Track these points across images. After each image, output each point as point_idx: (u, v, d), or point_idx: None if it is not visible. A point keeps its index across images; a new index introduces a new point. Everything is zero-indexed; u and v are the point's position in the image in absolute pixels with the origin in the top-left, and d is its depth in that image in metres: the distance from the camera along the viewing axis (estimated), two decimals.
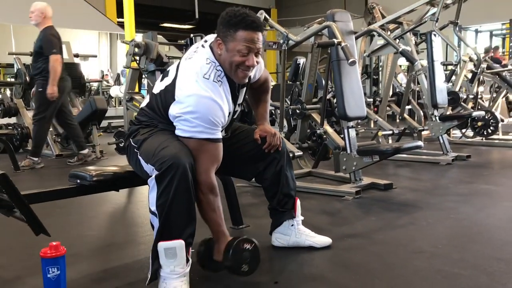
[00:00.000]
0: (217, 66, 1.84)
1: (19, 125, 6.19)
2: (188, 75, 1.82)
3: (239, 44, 1.79)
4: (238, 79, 1.87)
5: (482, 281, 1.84)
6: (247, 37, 1.79)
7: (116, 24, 12.23)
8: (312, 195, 3.39)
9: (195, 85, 1.78)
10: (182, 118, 1.78)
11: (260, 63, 2.12)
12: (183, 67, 1.87)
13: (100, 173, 1.99)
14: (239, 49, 1.79)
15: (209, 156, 1.83)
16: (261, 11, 3.59)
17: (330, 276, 1.94)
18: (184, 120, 1.78)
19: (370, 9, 6.90)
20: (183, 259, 1.72)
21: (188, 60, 1.88)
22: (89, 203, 3.26)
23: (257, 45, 1.83)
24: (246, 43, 1.79)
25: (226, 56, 1.82)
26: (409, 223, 2.67)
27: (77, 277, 1.97)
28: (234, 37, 1.80)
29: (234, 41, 1.80)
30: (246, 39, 1.79)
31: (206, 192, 1.83)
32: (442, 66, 4.96)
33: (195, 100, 1.76)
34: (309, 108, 4.06)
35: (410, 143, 3.35)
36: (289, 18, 15.65)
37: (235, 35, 1.79)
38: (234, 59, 1.81)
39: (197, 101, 1.76)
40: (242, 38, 1.79)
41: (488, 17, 11.84)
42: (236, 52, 1.80)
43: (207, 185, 1.82)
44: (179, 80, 1.82)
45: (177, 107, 1.79)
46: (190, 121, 1.77)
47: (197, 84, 1.78)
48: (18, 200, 1.65)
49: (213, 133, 1.81)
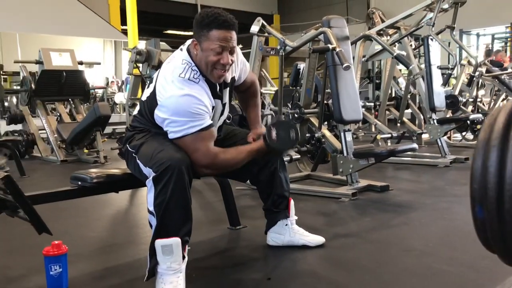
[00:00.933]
0: (192, 66, 1.92)
1: (25, 132, 6.31)
2: (165, 78, 1.91)
3: (212, 43, 1.87)
4: (215, 78, 1.95)
5: (469, 277, 1.90)
6: (220, 36, 1.87)
7: (120, 32, 12.38)
8: (310, 197, 3.46)
9: (171, 86, 1.87)
10: (169, 121, 1.87)
11: (245, 65, 2.20)
12: (162, 71, 1.96)
13: (100, 175, 2.08)
14: (213, 48, 1.87)
15: (206, 141, 1.92)
16: (258, 18, 3.67)
17: (321, 273, 2.01)
18: (172, 122, 1.87)
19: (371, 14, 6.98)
20: (179, 256, 1.80)
21: (168, 64, 1.97)
22: (92, 206, 3.35)
23: (231, 43, 1.90)
24: (220, 41, 1.87)
25: (202, 55, 1.90)
26: (402, 223, 2.73)
27: (79, 274, 2.05)
28: (208, 37, 1.87)
29: (208, 41, 1.87)
30: (219, 38, 1.87)
31: (219, 163, 1.97)
32: (440, 70, 5.02)
33: (174, 101, 1.85)
34: (307, 112, 4.12)
35: (405, 146, 3.42)
36: (292, 23, 15.77)
37: (208, 35, 1.87)
38: (209, 59, 1.89)
39: (177, 100, 1.85)
40: (215, 37, 1.87)
41: (490, 21, 11.89)
42: (210, 51, 1.87)
43: (215, 162, 1.95)
44: (158, 84, 1.92)
45: (161, 111, 1.88)
46: (177, 121, 1.86)
47: (173, 85, 1.87)
48: (22, 200, 1.74)
49: (202, 123, 1.89)
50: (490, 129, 0.86)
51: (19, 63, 6.61)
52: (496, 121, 0.85)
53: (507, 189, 0.81)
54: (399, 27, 5.13)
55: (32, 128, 6.34)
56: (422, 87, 5.00)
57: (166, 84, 1.88)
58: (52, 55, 6.22)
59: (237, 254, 2.34)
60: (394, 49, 4.21)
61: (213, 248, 2.41)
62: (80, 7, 11.20)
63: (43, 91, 6.19)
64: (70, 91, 6.42)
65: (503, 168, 0.81)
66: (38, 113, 6.30)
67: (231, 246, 2.49)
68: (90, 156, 5.84)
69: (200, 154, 1.90)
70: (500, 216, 0.85)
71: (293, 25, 15.23)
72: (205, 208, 3.33)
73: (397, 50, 4.11)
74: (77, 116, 6.50)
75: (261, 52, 3.80)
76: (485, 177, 0.85)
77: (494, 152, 0.82)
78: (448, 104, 5.74)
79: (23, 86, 6.27)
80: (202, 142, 1.90)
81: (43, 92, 6.21)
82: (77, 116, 6.48)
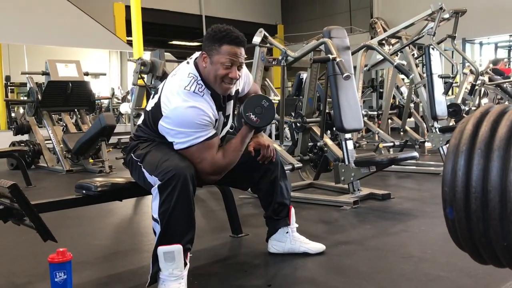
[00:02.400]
0: (198, 80, 1.98)
1: (31, 142, 6.39)
2: (171, 90, 1.97)
3: (223, 57, 1.94)
4: (221, 91, 2.01)
5: (465, 283, 1.93)
6: (231, 51, 1.95)
7: (125, 43, 12.51)
8: (312, 206, 3.49)
9: (177, 98, 1.93)
10: (175, 132, 1.93)
11: (249, 77, 2.26)
12: (168, 83, 2.02)
13: (105, 183, 2.13)
14: (223, 62, 1.94)
15: (211, 150, 1.99)
16: (260, 29, 3.73)
17: (321, 279, 2.04)
18: (178, 133, 1.92)
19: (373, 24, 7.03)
20: (181, 262, 1.84)
21: (173, 77, 2.03)
22: (98, 215, 3.40)
23: (240, 59, 1.99)
24: (230, 56, 1.94)
25: (211, 68, 1.97)
26: (402, 230, 2.76)
27: (83, 281, 2.10)
28: (219, 51, 1.95)
29: (218, 55, 1.95)
30: (229, 52, 1.94)
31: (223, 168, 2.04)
32: (441, 79, 5.06)
33: (180, 112, 1.91)
34: (310, 121, 4.18)
35: (406, 154, 3.46)
36: (295, 33, 15.86)
37: (219, 49, 1.94)
38: (218, 72, 1.96)
39: (182, 112, 1.91)
40: (226, 52, 1.94)
41: (493, 30, 11.93)
42: (220, 64, 1.95)
43: (220, 168, 2.03)
44: (164, 96, 1.98)
45: (166, 122, 1.94)
46: (183, 133, 1.91)
47: (178, 97, 1.93)
48: (28, 208, 1.79)
49: (207, 133, 1.96)
50: (460, 136, 0.91)
51: (26, 74, 6.71)
52: (465, 128, 0.90)
53: (473, 191, 0.86)
54: (400, 36, 5.19)
55: (38, 138, 6.42)
56: (424, 96, 5.04)
57: (172, 96, 1.94)
58: (58, 66, 6.32)
59: (238, 261, 2.38)
60: (394, 59, 4.26)
61: (215, 256, 2.45)
62: (86, 19, 11.33)
63: (49, 101, 6.28)
64: (76, 101, 6.51)
65: (470, 172, 0.86)
66: (44, 123, 6.38)
67: (233, 254, 2.53)
68: (95, 166, 5.90)
69: (206, 164, 1.96)
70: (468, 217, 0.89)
71: (297, 35, 15.32)
72: (208, 216, 3.37)
73: (397, 60, 4.16)
74: (82, 126, 6.58)
75: (263, 62, 3.86)
76: (454, 180, 0.90)
77: (462, 157, 0.87)
78: (450, 113, 5.77)
79: (29, 97, 6.37)
80: (207, 152, 1.96)
81: (50, 103, 6.30)
82: (83, 127, 6.56)
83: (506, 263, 0.99)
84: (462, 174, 0.86)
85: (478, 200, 0.85)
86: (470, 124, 0.88)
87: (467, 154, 0.86)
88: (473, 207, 0.86)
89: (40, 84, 7.23)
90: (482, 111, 0.91)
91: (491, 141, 0.85)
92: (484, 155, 0.84)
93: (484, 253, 0.99)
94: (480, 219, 0.88)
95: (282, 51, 3.70)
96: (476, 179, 0.84)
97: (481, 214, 0.87)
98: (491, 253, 0.96)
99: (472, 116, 0.92)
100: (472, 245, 0.96)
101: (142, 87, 5.64)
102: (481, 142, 0.85)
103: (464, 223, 0.90)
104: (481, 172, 0.84)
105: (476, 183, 0.84)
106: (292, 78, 9.69)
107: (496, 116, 0.88)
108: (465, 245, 1.01)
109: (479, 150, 0.84)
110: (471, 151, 0.86)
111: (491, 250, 0.95)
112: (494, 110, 0.89)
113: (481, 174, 0.84)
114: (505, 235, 0.87)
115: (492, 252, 0.95)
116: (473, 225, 0.88)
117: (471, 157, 0.86)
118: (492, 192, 0.83)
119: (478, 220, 0.87)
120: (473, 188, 0.85)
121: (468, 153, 0.86)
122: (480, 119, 0.88)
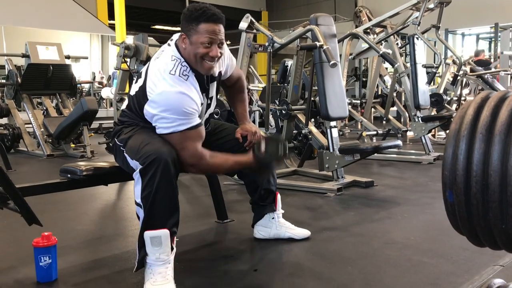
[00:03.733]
0: (182, 62, 1.95)
1: (10, 126, 6.27)
2: (155, 74, 1.94)
3: (201, 36, 1.90)
4: (204, 70, 1.98)
5: (447, 268, 1.97)
6: (209, 29, 1.91)
7: (107, 26, 12.31)
8: (296, 192, 3.52)
9: (163, 83, 1.90)
10: (159, 117, 1.90)
11: (232, 60, 2.24)
12: (152, 67, 1.99)
13: (90, 168, 2.10)
14: (202, 41, 1.91)
15: (194, 141, 1.95)
16: (247, 15, 3.70)
17: (306, 264, 2.07)
18: (161, 118, 1.90)
19: (358, 13, 7.04)
20: (167, 247, 1.84)
21: (156, 60, 2.00)
22: (81, 200, 3.37)
23: (219, 36, 1.94)
24: (208, 34, 1.91)
25: (191, 49, 1.93)
26: (385, 217, 2.81)
27: (68, 266, 2.08)
28: (197, 30, 1.91)
29: (197, 34, 1.91)
30: (208, 31, 1.90)
31: (204, 166, 2.00)
32: (425, 69, 5.11)
33: (165, 97, 1.88)
34: (295, 109, 4.18)
35: (389, 142, 3.50)
36: (280, 20, 15.81)
37: (197, 28, 1.91)
38: (198, 51, 1.92)
39: (168, 97, 1.88)
40: (204, 30, 1.90)
41: (475, 21, 12.07)
42: (200, 44, 1.91)
43: (200, 163, 1.98)
44: (149, 80, 1.94)
45: (151, 106, 1.91)
46: (167, 118, 1.89)
47: (164, 81, 1.90)
48: (13, 191, 1.76)
49: (191, 122, 1.93)
50: (461, 121, 0.92)
51: (4, 56, 6.56)
52: (466, 114, 0.91)
53: (474, 175, 0.88)
54: (385, 25, 5.21)
55: (18, 122, 6.30)
56: (407, 85, 5.09)
57: (157, 80, 1.91)
58: (39, 49, 6.19)
59: (224, 247, 2.39)
60: (380, 47, 4.29)
61: (201, 241, 2.46)
62: (67, 1, 11.11)
63: (29, 85, 6.16)
64: (57, 85, 6.39)
65: (471, 156, 0.88)
66: (24, 107, 6.27)
67: (219, 239, 2.53)
68: (77, 151, 5.83)
69: (186, 153, 1.93)
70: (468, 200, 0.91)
71: (281, 22, 15.28)
72: (193, 202, 3.37)
73: (383, 49, 4.18)
74: (63, 110, 6.48)
75: (249, 48, 3.84)
76: (455, 164, 0.91)
77: (463, 142, 0.89)
78: (432, 102, 5.85)
79: (8, 79, 6.23)
80: (189, 142, 1.93)
81: (30, 86, 6.18)
82: (64, 111, 6.46)
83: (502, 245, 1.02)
84: (463, 158, 0.88)
85: (478, 184, 0.87)
86: (471, 109, 0.90)
87: (468, 138, 0.87)
88: (473, 190, 0.88)
89: (19, 67, 7.08)
90: (482, 97, 0.92)
91: (492, 126, 0.87)
92: (485, 139, 0.85)
93: (482, 236, 1.01)
94: (480, 202, 0.90)
95: (268, 37, 3.69)
96: (477, 163, 0.86)
97: (481, 197, 0.89)
98: (489, 236, 0.99)
99: (473, 101, 0.94)
100: (470, 227, 0.99)
101: (125, 71, 5.56)
102: (482, 127, 0.87)
103: (463, 206, 0.92)
104: (482, 156, 0.85)
105: (477, 167, 0.86)
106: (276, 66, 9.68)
107: (497, 102, 0.90)
108: (464, 228, 1.03)
109: (481, 134, 0.86)
110: (472, 135, 0.88)
111: (489, 233, 0.97)
112: (495, 96, 0.91)
113: (482, 158, 0.85)
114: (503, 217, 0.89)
115: (490, 234, 0.98)
116: (473, 208, 0.90)
117: (472, 141, 0.87)
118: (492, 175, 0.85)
119: (478, 203, 0.89)
120: (474, 172, 0.87)
121: (469, 138, 0.87)
122: (481, 104, 0.90)
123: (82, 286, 1.89)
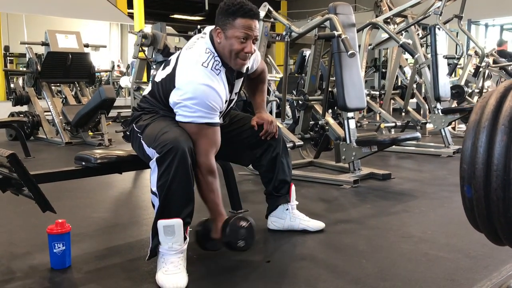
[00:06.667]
0: (215, 56, 1.94)
1: (30, 113, 6.36)
2: (188, 64, 1.92)
3: (237, 31, 1.89)
4: (236, 66, 1.97)
5: (465, 264, 1.92)
6: (245, 24, 1.89)
7: (126, 15, 12.35)
8: (312, 184, 3.48)
9: (194, 73, 1.88)
10: (182, 105, 1.89)
11: (257, 55, 2.22)
12: (184, 56, 1.97)
13: (104, 156, 2.11)
14: (238, 36, 1.89)
15: (208, 140, 1.93)
16: (264, 3, 3.66)
17: (320, 256, 2.04)
18: (184, 106, 1.88)
19: (378, 2, 6.91)
20: (181, 236, 1.83)
21: (189, 50, 1.98)
22: (97, 188, 3.39)
23: (254, 32, 1.93)
24: (244, 30, 1.89)
25: (226, 43, 1.92)
26: (402, 210, 2.76)
27: (81, 253, 2.09)
28: (233, 25, 1.89)
29: (232, 28, 1.89)
30: (244, 26, 1.89)
31: (205, 173, 1.93)
32: (446, 60, 5.00)
33: (194, 87, 1.86)
34: (312, 99, 4.13)
35: (408, 134, 3.43)
36: (299, 10, 15.64)
37: (233, 23, 1.89)
38: (234, 47, 1.91)
39: (196, 87, 1.86)
40: (241, 25, 1.89)
41: (499, 12, 11.75)
42: (235, 38, 1.90)
43: (206, 167, 1.93)
44: (179, 69, 1.93)
45: (177, 94, 1.90)
46: (189, 107, 1.87)
47: (196, 72, 1.88)
48: (27, 178, 1.77)
49: (211, 118, 1.91)
50: (481, 111, 0.87)
51: (25, 44, 6.62)
52: (487, 103, 0.86)
53: (494, 169, 0.83)
54: (406, 15, 5.10)
55: (37, 109, 6.39)
56: (428, 76, 4.99)
57: (189, 69, 1.90)
58: (58, 37, 6.24)
59: None
60: (400, 38, 4.20)
61: None
62: None
63: (49, 73, 6.22)
64: (75, 73, 6.45)
65: (492, 149, 0.83)
66: (43, 95, 6.34)
67: None
68: (95, 139, 5.89)
69: (197, 149, 1.90)
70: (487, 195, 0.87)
71: (300, 11, 15.10)
72: None
73: (403, 39, 4.10)
74: (82, 98, 6.54)
75: (267, 37, 3.80)
76: (474, 157, 0.87)
77: (484, 134, 0.84)
78: (453, 94, 5.73)
79: (29, 67, 6.30)
80: (204, 139, 1.91)
81: (49, 74, 6.24)
82: (82, 99, 6.51)
83: None
84: (483, 151, 0.83)
85: (499, 179, 0.82)
86: (493, 99, 0.85)
87: (489, 130, 0.82)
88: (494, 185, 0.83)
89: (39, 55, 7.15)
90: (506, 86, 0.87)
91: None
92: (508, 131, 0.80)
93: (502, 234, 0.96)
94: (501, 198, 0.85)
95: (286, 26, 3.64)
96: (498, 156, 0.81)
97: (502, 193, 0.84)
98: (510, 234, 0.94)
99: (495, 91, 0.88)
100: (489, 224, 0.94)
101: (142, 60, 5.58)
102: (505, 117, 0.81)
103: (482, 202, 0.87)
104: (503, 149, 0.80)
105: (498, 161, 0.81)
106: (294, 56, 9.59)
107: None
108: (482, 225, 0.98)
109: (503, 126, 0.80)
110: (493, 127, 0.82)
111: (510, 231, 0.92)
112: None
113: (503, 151, 0.80)
114: None
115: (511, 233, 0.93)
116: (493, 204, 0.85)
117: (493, 133, 0.82)
118: None
119: (498, 199, 0.85)
120: (494, 166, 0.82)
121: (491, 129, 0.82)
122: (504, 94, 0.84)
123: (95, 273, 1.90)
